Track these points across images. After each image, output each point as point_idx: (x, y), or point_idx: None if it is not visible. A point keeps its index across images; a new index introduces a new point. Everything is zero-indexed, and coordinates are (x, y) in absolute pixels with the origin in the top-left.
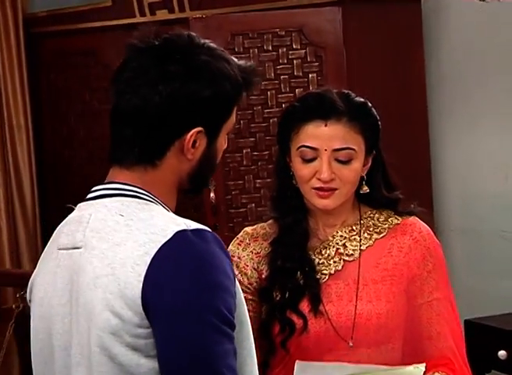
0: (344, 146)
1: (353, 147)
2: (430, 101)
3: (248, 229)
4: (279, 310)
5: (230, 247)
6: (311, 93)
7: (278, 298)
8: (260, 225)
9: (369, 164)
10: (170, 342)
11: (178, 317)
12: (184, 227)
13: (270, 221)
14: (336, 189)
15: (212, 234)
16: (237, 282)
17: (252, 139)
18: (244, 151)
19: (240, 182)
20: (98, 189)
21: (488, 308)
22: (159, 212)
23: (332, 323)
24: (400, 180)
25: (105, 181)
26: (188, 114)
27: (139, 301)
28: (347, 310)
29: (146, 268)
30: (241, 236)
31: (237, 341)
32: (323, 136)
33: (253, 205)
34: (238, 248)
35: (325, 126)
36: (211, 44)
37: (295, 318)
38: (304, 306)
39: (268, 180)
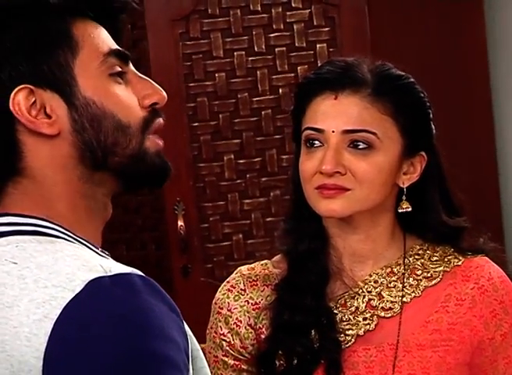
0: (359, 127)
1: (374, 130)
2: (495, 85)
3: (244, 269)
4: None
5: (218, 294)
6: (330, 60)
7: (282, 367)
8: (261, 263)
9: (417, 173)
10: None
11: None
12: (100, 273)
13: (277, 257)
14: (346, 189)
15: (144, 280)
16: (196, 344)
17: (236, 141)
18: (225, 158)
19: (221, 203)
20: None
21: None
22: (67, 252)
23: None
24: (466, 201)
25: None
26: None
27: None
28: None
29: (46, 339)
30: (233, 279)
31: None
32: (331, 112)
33: (240, 236)
34: (228, 297)
35: (335, 99)
36: None
37: None
38: None
39: (262, 199)
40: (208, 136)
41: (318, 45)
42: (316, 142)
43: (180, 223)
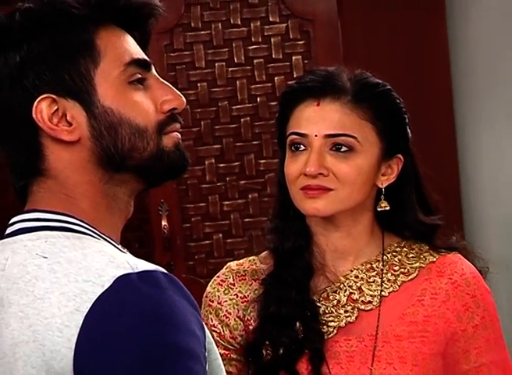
0: (340, 132)
1: (354, 134)
2: (456, 94)
3: (233, 264)
4: (270, 372)
5: (208, 288)
6: (312, 69)
7: (269, 357)
8: (249, 259)
9: (394, 174)
10: None
11: None
12: (127, 270)
13: (264, 254)
14: (329, 189)
15: (167, 276)
16: (210, 338)
17: (217, 146)
18: (207, 162)
19: (202, 205)
20: (16, 221)
21: None
22: (94, 248)
23: None
24: (440, 200)
25: (25, 209)
26: (18, 85)
27: None
28: (360, 374)
29: (78, 331)
30: (223, 274)
31: None
32: (313, 118)
33: (220, 235)
34: (218, 290)
35: (317, 105)
36: None
37: None
38: (303, 367)
39: (240, 201)
40: (191, 141)
41: (293, 57)
42: (300, 146)
43: (164, 222)
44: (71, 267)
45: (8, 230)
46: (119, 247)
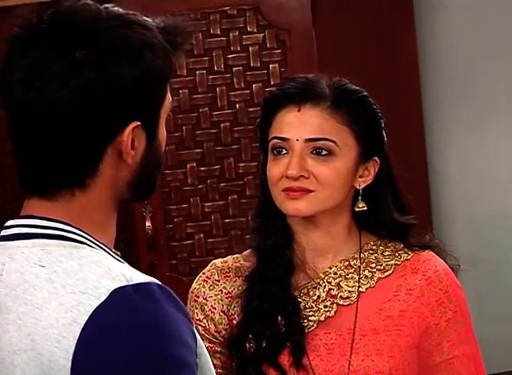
0: (320, 136)
1: (334, 139)
2: (425, 96)
3: (218, 262)
4: (253, 364)
5: (194, 284)
6: (293, 77)
7: (252, 349)
8: (233, 257)
9: (371, 176)
10: None
11: None
12: (123, 283)
13: (247, 252)
14: (310, 190)
15: (161, 288)
16: (201, 343)
17: (198, 150)
18: (188, 166)
19: (184, 206)
20: (12, 225)
21: (509, 361)
22: (91, 259)
23: None
24: (414, 201)
25: (21, 214)
26: (117, 108)
27: None
28: (339, 366)
29: (75, 342)
30: (208, 271)
31: None
32: (295, 123)
33: (201, 235)
34: (204, 287)
35: (298, 111)
36: (118, 10)
37: (272, 373)
38: (285, 359)
39: (220, 202)
40: (173, 146)
41: (270, 65)
42: (282, 150)
43: (148, 223)
44: (68, 278)
45: (3, 233)
46: (116, 255)
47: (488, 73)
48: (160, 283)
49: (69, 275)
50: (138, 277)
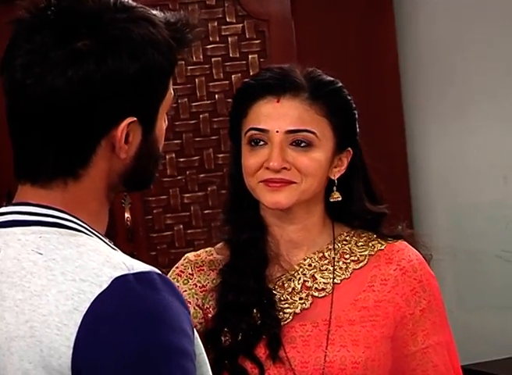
0: (301, 127)
1: (314, 130)
2: (405, 86)
3: (191, 255)
4: (229, 356)
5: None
6: (268, 67)
7: (228, 343)
8: (206, 250)
9: (344, 166)
10: None
11: None
12: (124, 271)
13: (220, 245)
14: (292, 182)
15: (161, 277)
16: (196, 333)
17: (177, 141)
18: (167, 157)
19: (163, 197)
20: (7, 212)
21: (488, 351)
22: (89, 246)
23: (296, 374)
24: (385, 191)
25: (15, 201)
26: (113, 102)
27: (68, 374)
28: (315, 357)
29: (76, 330)
30: (181, 265)
31: None
32: (274, 114)
33: (181, 226)
34: (178, 281)
35: (278, 102)
36: (128, 2)
37: (249, 366)
38: (261, 352)
39: (200, 193)
40: None
41: (250, 56)
42: (260, 141)
43: (127, 215)
44: (67, 265)
45: None
46: (111, 244)
47: (467, 63)
48: (160, 272)
49: (68, 262)
50: (139, 266)
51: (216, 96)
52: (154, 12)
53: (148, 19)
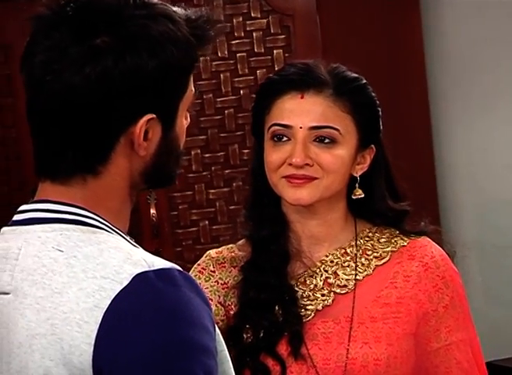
0: (324, 124)
1: (337, 127)
2: (431, 82)
3: (212, 252)
4: (251, 354)
5: None
6: (292, 62)
7: (249, 340)
8: (227, 247)
9: (367, 163)
10: None
11: None
12: (145, 268)
13: (241, 241)
14: (314, 178)
15: (182, 274)
16: (217, 330)
17: (202, 137)
18: (193, 152)
19: (189, 193)
20: (27, 210)
21: None
22: (110, 244)
23: (318, 371)
24: (408, 189)
25: (35, 199)
26: (132, 99)
27: (89, 371)
28: (337, 354)
29: (97, 327)
30: (203, 262)
31: None
32: (298, 110)
33: (206, 222)
34: (199, 278)
35: (302, 98)
36: None
37: (270, 363)
38: (283, 349)
39: (225, 189)
40: None
41: (274, 51)
42: (283, 137)
43: (152, 211)
44: (88, 262)
45: (17, 218)
46: (132, 242)
47: (493, 60)
48: (181, 269)
49: (89, 260)
50: (159, 263)
51: (241, 91)
52: (175, 8)
53: (168, 16)
